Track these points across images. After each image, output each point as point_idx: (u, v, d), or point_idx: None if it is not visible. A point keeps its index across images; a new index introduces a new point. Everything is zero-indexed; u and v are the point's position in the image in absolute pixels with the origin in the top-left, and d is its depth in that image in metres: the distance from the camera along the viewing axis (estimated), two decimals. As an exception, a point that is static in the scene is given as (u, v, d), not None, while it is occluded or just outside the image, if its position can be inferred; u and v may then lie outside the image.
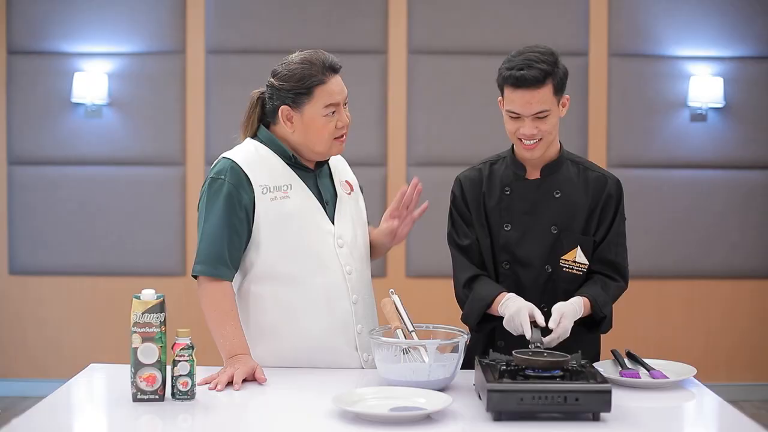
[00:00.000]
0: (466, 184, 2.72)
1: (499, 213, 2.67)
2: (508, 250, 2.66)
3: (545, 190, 2.65)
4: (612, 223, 2.66)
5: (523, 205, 2.66)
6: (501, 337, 2.65)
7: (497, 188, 2.68)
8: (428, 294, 5.21)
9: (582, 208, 2.64)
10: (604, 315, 2.59)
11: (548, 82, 2.52)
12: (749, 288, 5.45)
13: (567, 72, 2.61)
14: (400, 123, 5.37)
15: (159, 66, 5.35)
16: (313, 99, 2.56)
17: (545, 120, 2.54)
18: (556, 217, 2.64)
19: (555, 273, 2.64)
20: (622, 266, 2.68)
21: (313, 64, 2.56)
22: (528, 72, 2.50)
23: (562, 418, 2.12)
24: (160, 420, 2.14)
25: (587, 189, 2.65)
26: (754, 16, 5.37)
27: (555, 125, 2.58)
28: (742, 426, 2.14)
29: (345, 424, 2.08)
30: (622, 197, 2.69)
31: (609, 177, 2.69)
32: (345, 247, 2.66)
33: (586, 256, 2.64)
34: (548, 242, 2.64)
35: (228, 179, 2.55)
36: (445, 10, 5.36)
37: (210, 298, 2.53)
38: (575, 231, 2.64)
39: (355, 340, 2.65)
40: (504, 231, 2.67)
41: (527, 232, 2.65)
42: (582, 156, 2.82)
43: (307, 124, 2.58)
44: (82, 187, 5.36)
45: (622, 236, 2.69)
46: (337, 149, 2.65)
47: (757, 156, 5.40)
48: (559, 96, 2.57)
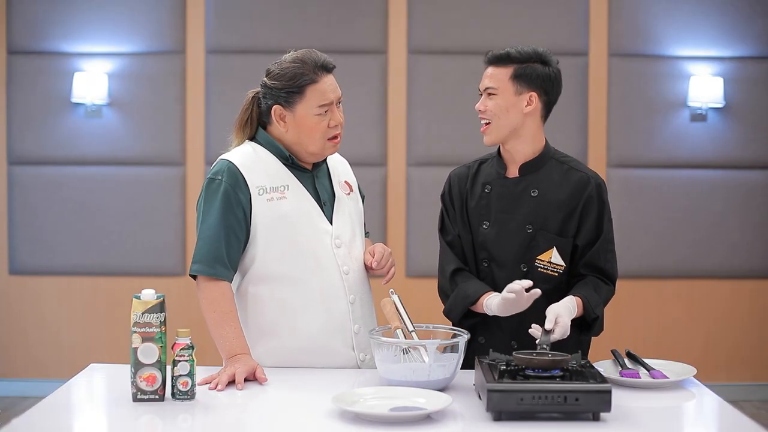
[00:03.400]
0: (454, 180, 2.78)
1: (479, 211, 2.70)
2: (485, 248, 2.69)
3: (522, 189, 2.66)
4: (598, 226, 2.65)
5: (501, 203, 2.68)
6: (482, 333, 2.69)
7: (480, 186, 2.71)
8: (428, 294, 5.18)
9: (560, 209, 2.64)
10: (596, 316, 2.59)
11: (508, 65, 2.61)
12: (749, 288, 5.45)
13: (547, 74, 2.62)
14: (400, 123, 5.37)
15: (159, 66, 5.35)
16: (305, 98, 2.56)
17: (492, 98, 2.62)
18: (531, 216, 2.64)
19: (530, 272, 2.63)
20: (612, 273, 2.69)
21: (305, 63, 2.57)
22: (495, 50, 2.63)
23: (562, 418, 2.12)
24: (160, 420, 2.14)
25: (567, 188, 2.65)
26: (754, 16, 5.37)
27: (503, 109, 2.60)
28: (742, 426, 2.14)
29: (345, 424, 2.08)
30: (605, 199, 2.68)
31: (592, 177, 2.67)
32: (343, 247, 2.66)
33: (562, 257, 2.64)
34: (523, 241, 2.64)
35: (225, 180, 2.56)
36: (445, 10, 5.36)
37: (209, 298, 2.53)
38: (551, 231, 2.64)
39: (351, 340, 2.65)
40: (482, 229, 2.69)
41: (503, 231, 2.66)
42: (575, 156, 2.81)
43: (299, 124, 2.58)
44: (82, 187, 5.36)
45: (611, 243, 2.69)
46: (332, 150, 2.65)
47: (757, 156, 5.40)
48: (519, 86, 2.60)
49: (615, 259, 2.70)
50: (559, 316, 2.43)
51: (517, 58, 2.61)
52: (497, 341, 2.62)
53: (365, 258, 2.71)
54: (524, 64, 2.60)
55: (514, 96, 2.61)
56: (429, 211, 5.35)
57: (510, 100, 2.61)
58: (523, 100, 2.61)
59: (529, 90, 2.61)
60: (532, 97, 2.61)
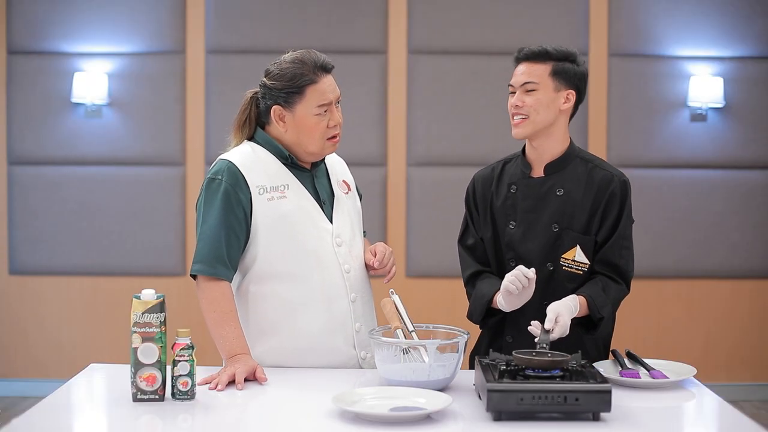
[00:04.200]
0: (479, 182, 2.79)
1: (505, 211, 2.71)
2: (512, 248, 2.69)
3: (548, 189, 2.67)
4: (617, 223, 2.65)
5: (527, 203, 2.68)
6: (510, 332, 2.68)
7: (505, 186, 2.72)
8: (428, 294, 5.22)
9: (584, 207, 2.65)
10: (602, 316, 2.58)
11: (547, 61, 2.62)
12: (749, 288, 5.45)
13: (581, 73, 2.67)
14: (400, 123, 5.37)
15: (159, 66, 5.35)
16: (305, 98, 2.57)
17: (531, 94, 2.62)
18: (557, 215, 2.65)
19: (556, 271, 2.65)
20: (626, 270, 2.67)
21: (305, 64, 2.57)
22: (531, 47, 2.63)
23: (562, 418, 2.12)
24: (160, 420, 2.14)
25: (591, 187, 2.65)
26: (754, 16, 5.37)
27: (543, 105, 2.61)
28: (742, 426, 2.13)
29: (345, 423, 2.08)
30: (628, 198, 2.68)
31: (616, 175, 2.68)
32: (343, 245, 2.66)
33: (586, 256, 2.64)
34: (549, 240, 2.65)
35: (225, 179, 2.56)
36: (445, 10, 5.36)
37: (209, 298, 2.53)
38: (576, 230, 2.64)
39: (353, 339, 2.65)
40: (509, 229, 2.69)
41: (530, 230, 2.67)
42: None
43: (298, 124, 2.59)
44: (82, 187, 5.36)
45: (627, 239, 2.68)
46: (330, 149, 2.66)
47: (757, 156, 5.40)
48: (558, 83, 2.62)
49: (631, 257, 2.69)
50: (559, 315, 2.43)
51: (555, 55, 2.63)
52: (525, 339, 2.53)
53: (366, 257, 2.71)
54: (562, 62, 2.63)
55: (554, 92, 2.63)
56: (429, 211, 5.36)
57: (550, 95, 2.62)
58: (561, 97, 2.64)
59: (567, 87, 2.64)
60: (570, 95, 2.65)
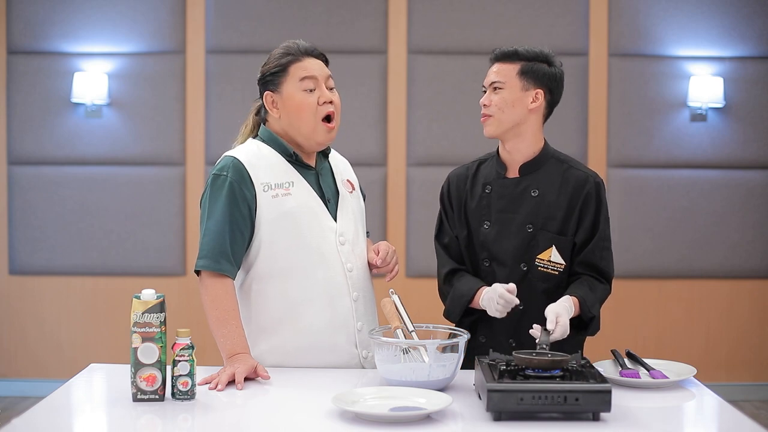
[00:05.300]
0: (453, 181, 2.81)
1: (479, 211, 2.73)
2: (486, 247, 2.71)
3: (523, 189, 2.69)
4: (595, 224, 2.67)
5: (501, 203, 2.70)
6: (483, 332, 2.71)
7: (480, 186, 2.74)
8: (428, 294, 5.19)
9: (559, 208, 2.66)
10: (593, 315, 2.60)
11: (515, 62, 2.65)
12: (748, 288, 5.45)
13: (552, 74, 2.67)
14: (400, 123, 5.37)
15: (159, 66, 5.35)
16: (289, 75, 2.61)
17: (498, 92, 2.65)
18: (532, 216, 2.67)
19: (531, 272, 2.67)
20: (608, 271, 2.70)
21: (290, 47, 2.65)
22: (503, 48, 2.68)
23: (562, 418, 2.12)
24: (160, 420, 2.14)
25: (567, 188, 2.67)
26: (754, 16, 5.37)
27: (508, 104, 2.63)
28: (742, 426, 2.13)
29: (345, 423, 2.08)
30: (603, 198, 2.70)
31: (591, 176, 2.70)
32: (347, 244, 2.66)
33: (562, 256, 2.66)
34: (524, 241, 2.67)
35: (230, 175, 2.56)
36: (445, 10, 5.36)
37: (212, 295, 2.52)
38: (551, 230, 2.66)
39: (354, 337, 2.65)
40: (483, 228, 2.71)
41: (504, 230, 2.69)
42: (575, 156, 2.84)
43: (287, 105, 2.61)
44: (82, 187, 5.36)
45: (607, 240, 2.71)
46: (325, 134, 2.64)
47: (757, 156, 5.40)
48: (526, 83, 2.64)
49: (611, 258, 2.72)
50: (559, 315, 2.44)
51: (525, 55, 2.65)
52: (498, 340, 2.65)
53: (369, 256, 2.72)
54: (531, 62, 2.65)
55: (521, 91, 2.65)
56: (429, 211, 5.35)
57: (516, 95, 2.64)
58: (529, 97, 2.65)
59: (535, 87, 2.65)
60: (538, 94, 2.66)
